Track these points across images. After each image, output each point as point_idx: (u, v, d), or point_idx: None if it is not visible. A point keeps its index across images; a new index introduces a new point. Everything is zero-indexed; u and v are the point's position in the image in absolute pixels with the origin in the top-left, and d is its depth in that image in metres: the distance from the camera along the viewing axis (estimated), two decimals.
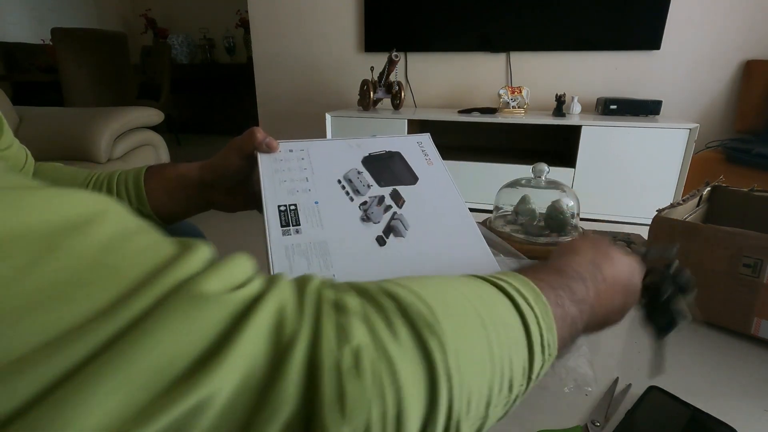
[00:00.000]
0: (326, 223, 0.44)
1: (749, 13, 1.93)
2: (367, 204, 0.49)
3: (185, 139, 4.48)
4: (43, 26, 3.72)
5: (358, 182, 0.49)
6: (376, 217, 0.47)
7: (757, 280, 0.53)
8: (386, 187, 0.49)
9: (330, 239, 0.42)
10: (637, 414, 0.41)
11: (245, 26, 4.27)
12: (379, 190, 0.49)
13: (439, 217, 0.47)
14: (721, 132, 2.07)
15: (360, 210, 0.48)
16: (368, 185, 0.49)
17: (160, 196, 0.50)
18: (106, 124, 1.56)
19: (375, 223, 0.46)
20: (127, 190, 0.49)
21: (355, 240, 0.43)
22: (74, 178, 0.50)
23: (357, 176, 0.50)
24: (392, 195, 0.49)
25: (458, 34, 2.24)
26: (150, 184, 0.50)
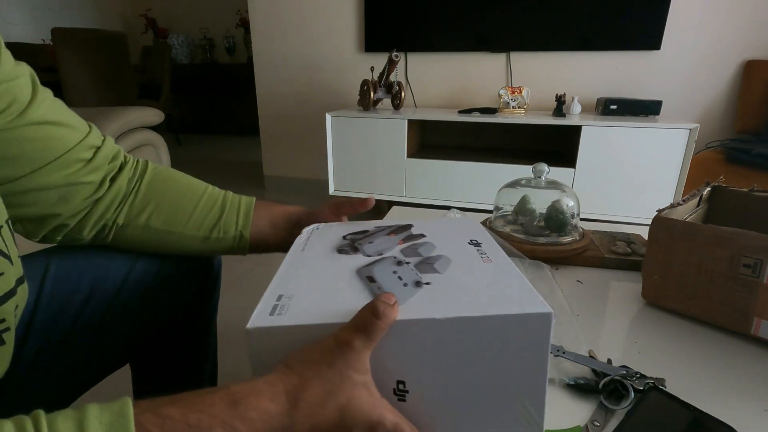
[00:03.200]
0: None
1: (749, 13, 1.93)
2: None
3: (185, 138, 4.49)
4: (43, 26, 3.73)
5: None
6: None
7: (757, 280, 0.53)
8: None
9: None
10: (637, 414, 0.41)
11: (245, 26, 4.28)
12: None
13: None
14: (721, 132, 2.07)
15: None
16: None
17: (263, 225, 0.56)
18: (107, 124, 1.56)
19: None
20: (238, 211, 0.55)
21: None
22: (189, 187, 0.55)
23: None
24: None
25: (458, 34, 2.24)
26: (258, 212, 0.56)
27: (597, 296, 0.67)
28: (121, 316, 0.54)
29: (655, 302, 0.64)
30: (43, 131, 0.43)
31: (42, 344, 0.48)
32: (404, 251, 0.43)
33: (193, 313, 0.65)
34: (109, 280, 0.52)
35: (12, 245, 0.39)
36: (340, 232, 0.50)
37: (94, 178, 0.48)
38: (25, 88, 0.43)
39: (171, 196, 0.53)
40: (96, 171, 0.48)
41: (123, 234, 0.52)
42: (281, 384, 0.28)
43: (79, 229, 0.49)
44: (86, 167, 0.47)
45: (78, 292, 0.50)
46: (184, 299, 0.62)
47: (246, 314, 0.32)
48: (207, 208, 0.54)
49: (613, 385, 0.45)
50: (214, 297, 0.67)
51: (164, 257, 0.56)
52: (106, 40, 2.90)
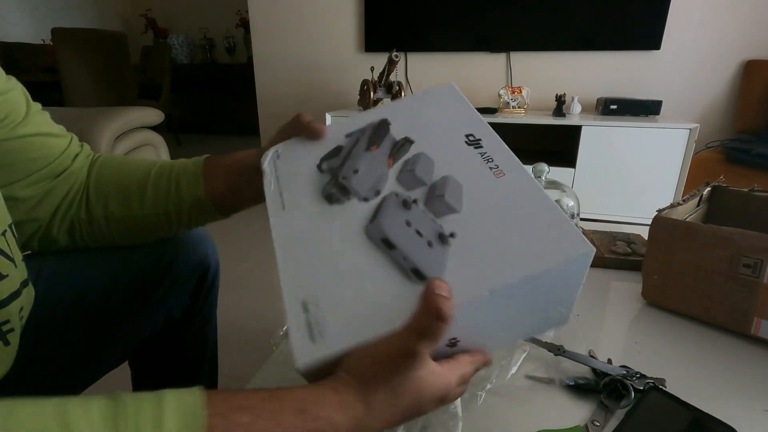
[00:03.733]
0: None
1: (749, 13, 1.93)
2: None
3: (185, 138, 4.49)
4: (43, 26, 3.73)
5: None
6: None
7: (757, 280, 0.53)
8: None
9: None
10: (637, 414, 0.41)
11: (245, 26, 4.27)
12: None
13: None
14: (721, 132, 2.07)
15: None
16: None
17: (217, 184, 0.50)
18: (107, 124, 1.56)
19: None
20: (187, 176, 0.50)
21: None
22: (138, 168, 0.51)
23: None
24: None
25: (458, 34, 2.24)
26: (208, 170, 0.50)
27: (597, 296, 0.67)
28: (116, 315, 0.54)
29: (655, 302, 0.64)
30: (36, 142, 0.45)
31: (37, 344, 0.48)
32: (401, 179, 0.38)
33: (191, 312, 0.65)
34: (101, 280, 0.52)
35: (16, 249, 0.40)
36: (310, 159, 0.42)
37: (68, 183, 0.49)
38: (20, 101, 0.44)
39: (118, 182, 0.51)
40: (71, 176, 0.49)
41: (93, 230, 0.51)
42: (347, 393, 0.28)
43: (48, 229, 0.49)
44: (64, 174, 0.49)
45: (70, 292, 0.51)
46: (181, 298, 0.62)
47: (246, 315, 0.32)
48: (156, 182, 0.50)
49: (613, 385, 0.45)
50: (211, 296, 0.67)
51: (159, 257, 0.56)
52: (106, 40, 2.90)
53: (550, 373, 0.49)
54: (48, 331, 0.49)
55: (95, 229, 0.51)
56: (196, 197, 0.50)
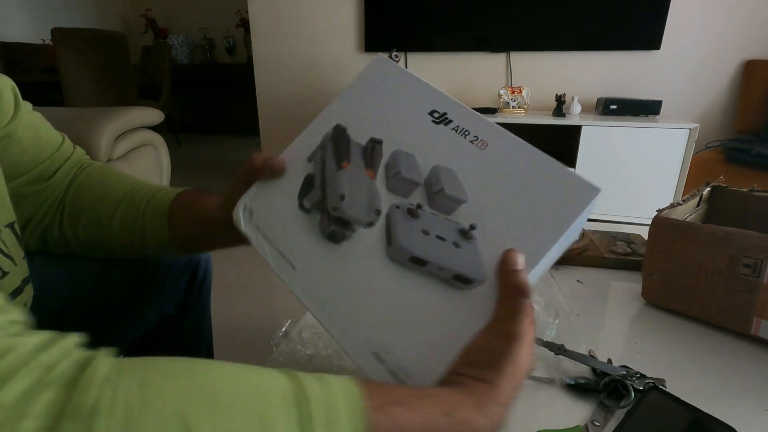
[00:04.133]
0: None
1: (749, 13, 1.93)
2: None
3: (185, 138, 4.49)
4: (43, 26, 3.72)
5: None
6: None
7: (757, 280, 0.53)
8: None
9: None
10: (637, 414, 0.41)
11: (245, 26, 4.27)
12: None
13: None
14: (721, 132, 2.07)
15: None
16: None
17: (181, 232, 0.48)
18: (107, 124, 1.56)
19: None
20: (152, 217, 0.48)
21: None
22: (113, 193, 0.49)
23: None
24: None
25: (458, 34, 2.24)
26: (173, 217, 0.48)
27: (597, 296, 0.67)
28: (108, 313, 0.54)
29: (655, 302, 0.64)
30: (20, 144, 0.45)
31: None
32: (392, 187, 0.35)
33: (184, 308, 0.65)
34: (91, 279, 0.52)
35: (16, 247, 0.40)
36: (286, 202, 0.38)
37: (48, 193, 0.49)
38: (7, 102, 0.44)
39: (92, 204, 0.49)
40: (52, 187, 0.49)
41: (63, 244, 0.50)
42: (482, 396, 0.28)
43: (21, 233, 0.49)
44: (52, 178, 0.48)
45: (61, 292, 0.51)
46: (173, 294, 0.62)
47: (245, 316, 0.32)
48: (123, 215, 0.49)
49: (613, 385, 0.45)
50: (204, 291, 0.67)
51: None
52: (106, 40, 2.90)
53: (550, 372, 0.49)
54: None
55: (65, 244, 0.50)
56: (160, 241, 0.48)
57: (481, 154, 0.33)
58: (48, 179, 0.48)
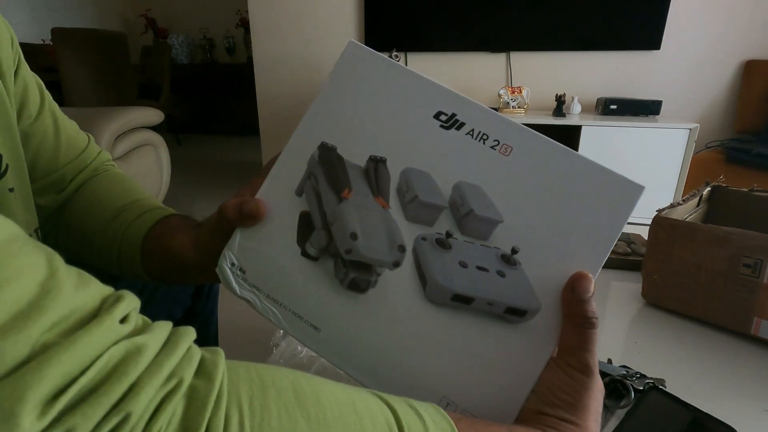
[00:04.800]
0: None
1: (749, 13, 1.93)
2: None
3: (185, 138, 4.49)
4: (43, 26, 3.72)
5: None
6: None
7: (757, 280, 0.53)
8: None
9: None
10: (637, 414, 0.41)
11: (245, 26, 4.27)
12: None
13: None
14: (721, 132, 2.07)
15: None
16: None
17: (156, 269, 0.43)
18: (107, 124, 1.56)
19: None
20: (128, 249, 0.44)
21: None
22: (102, 213, 0.46)
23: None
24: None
25: (458, 34, 2.24)
26: (148, 247, 0.43)
27: (597, 296, 0.67)
28: None
29: (655, 302, 0.64)
30: (44, 144, 0.44)
31: None
32: (412, 216, 0.29)
33: (192, 312, 0.65)
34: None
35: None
36: (284, 254, 0.31)
37: (64, 196, 0.48)
38: (34, 100, 0.43)
39: (81, 224, 0.47)
40: (69, 192, 0.48)
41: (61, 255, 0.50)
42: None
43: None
44: (65, 189, 0.47)
45: None
46: (181, 300, 0.62)
47: (246, 316, 0.31)
48: (101, 242, 0.45)
49: (613, 385, 0.45)
50: (212, 296, 0.67)
51: None
52: (106, 40, 2.90)
53: None
54: None
55: (62, 254, 0.50)
56: (135, 272, 0.45)
57: (506, 161, 0.28)
58: (61, 190, 0.47)
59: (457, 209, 0.29)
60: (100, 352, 0.18)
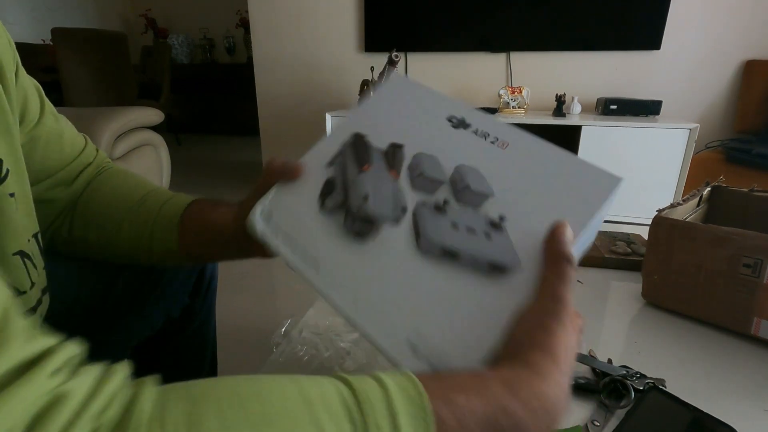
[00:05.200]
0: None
1: (749, 13, 1.93)
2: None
3: (185, 138, 4.49)
4: (43, 26, 3.73)
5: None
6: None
7: (757, 280, 0.53)
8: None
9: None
10: (637, 414, 0.41)
11: (245, 26, 4.27)
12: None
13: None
14: (721, 132, 2.07)
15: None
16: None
17: (191, 242, 0.47)
18: (107, 124, 1.56)
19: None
20: (163, 227, 0.47)
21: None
22: (125, 199, 0.49)
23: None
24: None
25: (458, 34, 2.24)
26: (184, 228, 0.47)
27: (597, 296, 0.67)
28: (115, 316, 0.54)
29: (655, 302, 0.64)
30: (47, 147, 0.44)
31: None
32: (417, 186, 0.35)
33: (190, 311, 0.65)
34: (100, 281, 0.52)
35: (39, 257, 0.40)
36: (306, 205, 0.38)
37: (66, 196, 0.48)
38: (34, 104, 0.43)
39: (103, 209, 0.49)
40: (73, 192, 0.49)
41: (70, 247, 0.50)
42: (538, 363, 0.27)
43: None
44: (74, 183, 0.48)
45: (69, 294, 0.50)
46: (179, 298, 0.62)
47: (246, 315, 0.32)
48: (133, 223, 0.48)
49: (613, 385, 0.45)
50: (210, 294, 0.67)
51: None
52: (106, 40, 2.90)
53: None
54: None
55: (72, 246, 0.50)
56: (168, 249, 0.47)
57: (502, 153, 0.34)
58: (71, 183, 0.48)
59: (456, 184, 0.34)
60: (24, 408, 0.18)
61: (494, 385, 0.25)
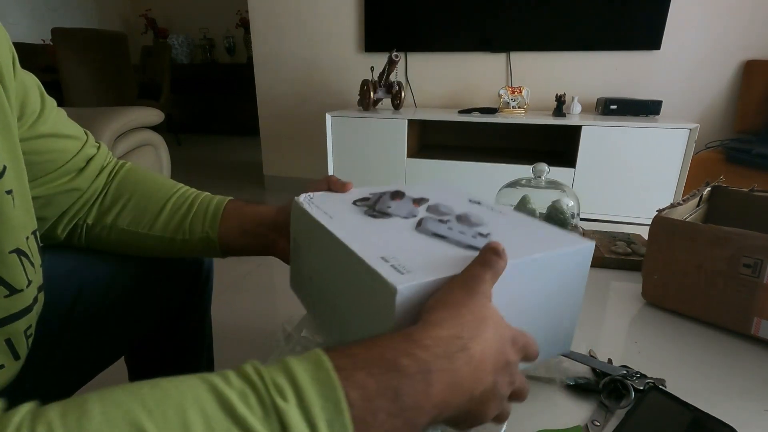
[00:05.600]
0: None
1: (749, 13, 1.93)
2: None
3: (185, 138, 4.49)
4: (43, 26, 3.73)
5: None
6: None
7: (757, 280, 0.53)
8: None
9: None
10: (637, 414, 0.41)
11: (245, 26, 4.28)
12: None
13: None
14: (721, 132, 2.07)
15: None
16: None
17: (232, 230, 0.52)
18: (107, 124, 1.56)
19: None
20: (206, 213, 0.52)
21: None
22: (160, 188, 0.53)
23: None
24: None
25: (458, 34, 2.24)
26: (227, 214, 0.52)
27: (597, 296, 0.67)
28: (113, 313, 0.54)
29: (655, 302, 0.64)
30: (49, 144, 0.45)
31: (34, 343, 0.48)
32: (430, 212, 0.46)
33: (186, 309, 0.65)
34: (98, 279, 0.53)
35: (36, 254, 0.40)
36: (343, 198, 0.48)
37: (83, 185, 0.49)
38: (34, 100, 0.43)
39: (138, 197, 0.52)
40: (86, 179, 0.49)
41: (93, 234, 0.51)
42: (443, 320, 0.29)
43: (53, 226, 0.49)
44: (79, 176, 0.48)
45: (68, 291, 0.51)
46: (175, 296, 0.62)
47: (246, 315, 0.32)
48: (174, 208, 0.52)
49: (613, 385, 0.45)
50: (206, 292, 0.67)
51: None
52: (106, 40, 2.90)
53: (550, 372, 0.49)
54: (45, 331, 0.49)
55: (95, 233, 0.51)
56: (207, 236, 0.51)
57: (500, 216, 0.45)
58: (81, 171, 0.49)
59: (459, 217, 0.45)
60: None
61: (395, 337, 0.27)
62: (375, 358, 0.25)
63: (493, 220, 0.43)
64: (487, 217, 0.44)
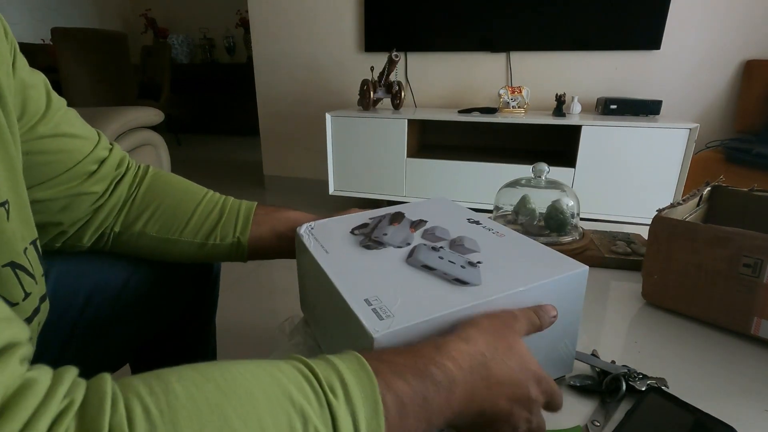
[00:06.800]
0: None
1: (749, 13, 1.93)
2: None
3: (185, 138, 4.49)
4: (43, 26, 3.73)
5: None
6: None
7: (757, 280, 0.53)
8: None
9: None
10: (637, 414, 0.41)
11: (245, 26, 4.28)
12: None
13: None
14: (721, 132, 2.07)
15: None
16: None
17: (263, 233, 0.54)
18: (106, 124, 1.56)
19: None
20: (237, 217, 0.53)
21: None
22: (188, 193, 0.54)
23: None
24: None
25: (458, 34, 2.24)
26: (258, 219, 0.54)
27: (597, 296, 0.67)
28: (122, 318, 0.54)
29: (655, 302, 0.64)
30: (55, 144, 0.43)
31: (42, 347, 0.48)
32: (425, 238, 0.47)
33: (192, 314, 0.65)
34: (109, 284, 0.52)
35: (37, 264, 0.39)
36: (343, 227, 0.50)
37: (98, 188, 0.48)
38: (38, 99, 0.42)
39: (167, 203, 0.52)
40: (101, 181, 0.48)
41: (120, 241, 0.51)
42: (471, 337, 0.31)
43: (79, 236, 0.49)
44: (91, 178, 0.47)
45: (78, 295, 0.50)
46: (183, 302, 0.62)
47: (246, 315, 0.33)
48: (204, 214, 0.52)
49: (614, 385, 0.45)
50: (212, 299, 0.67)
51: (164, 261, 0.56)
52: (106, 40, 2.90)
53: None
54: (53, 336, 0.49)
55: (124, 240, 0.51)
56: (238, 240, 0.52)
57: (497, 238, 0.46)
58: (93, 174, 0.47)
59: (454, 242, 0.46)
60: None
61: (425, 347, 0.30)
62: (409, 365, 0.28)
63: (488, 243, 0.45)
64: (483, 239, 0.46)
